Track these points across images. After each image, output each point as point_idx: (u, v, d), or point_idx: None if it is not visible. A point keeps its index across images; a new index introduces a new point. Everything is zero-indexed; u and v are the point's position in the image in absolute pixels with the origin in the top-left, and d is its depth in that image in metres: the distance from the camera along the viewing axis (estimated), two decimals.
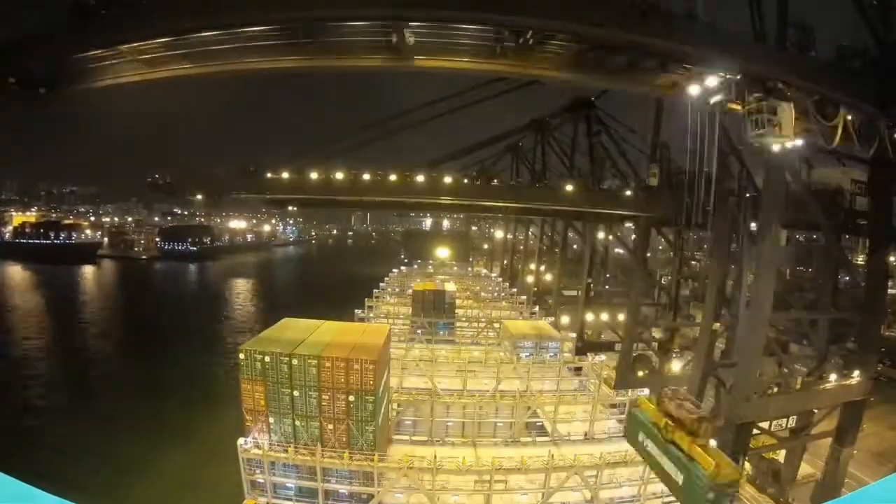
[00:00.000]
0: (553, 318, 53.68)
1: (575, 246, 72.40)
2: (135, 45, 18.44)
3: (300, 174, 33.55)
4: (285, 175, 34.34)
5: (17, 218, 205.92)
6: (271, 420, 22.74)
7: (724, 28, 19.40)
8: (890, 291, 46.88)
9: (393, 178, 33.72)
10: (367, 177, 33.34)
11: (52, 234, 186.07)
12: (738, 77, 19.29)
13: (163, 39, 18.35)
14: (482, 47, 17.75)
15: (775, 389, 32.77)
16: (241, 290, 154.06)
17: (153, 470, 39.97)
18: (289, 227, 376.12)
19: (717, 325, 34.57)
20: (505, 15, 16.40)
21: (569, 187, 36.07)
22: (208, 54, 19.04)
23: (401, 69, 19.26)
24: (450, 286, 53.68)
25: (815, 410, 35.66)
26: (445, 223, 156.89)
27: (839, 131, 21.96)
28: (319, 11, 16.99)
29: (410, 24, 16.95)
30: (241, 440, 22.61)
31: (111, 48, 18.67)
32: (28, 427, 48.45)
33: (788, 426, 36.07)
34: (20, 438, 44.01)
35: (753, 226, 32.75)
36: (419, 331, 45.38)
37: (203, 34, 18.16)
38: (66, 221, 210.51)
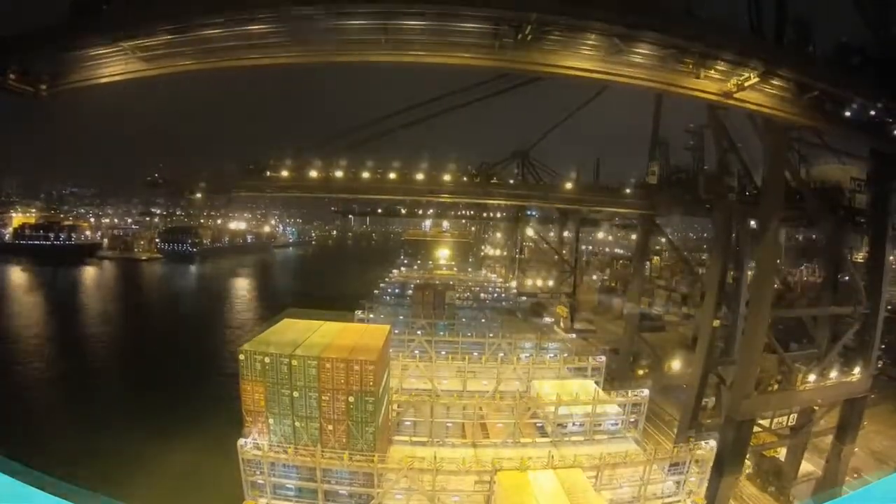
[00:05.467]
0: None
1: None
2: (135, 41, 18.28)
3: (300, 171, 33.50)
4: (285, 173, 34.36)
5: (17, 219, 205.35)
6: (271, 421, 22.66)
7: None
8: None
9: (392, 175, 33.59)
10: (366, 175, 33.18)
11: (52, 235, 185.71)
12: None
13: (164, 37, 18.21)
14: (481, 42, 17.69)
15: (776, 387, 32.75)
16: (241, 290, 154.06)
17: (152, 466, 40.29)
18: (288, 228, 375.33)
19: (716, 322, 34.57)
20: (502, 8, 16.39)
21: (568, 185, 36.04)
22: (209, 50, 18.84)
23: (399, 63, 19.18)
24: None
25: (816, 407, 35.67)
26: (445, 224, 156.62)
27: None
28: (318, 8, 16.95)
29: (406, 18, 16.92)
30: (240, 441, 22.54)
31: (111, 44, 18.48)
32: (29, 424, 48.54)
33: (789, 424, 36.08)
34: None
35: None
36: (419, 331, 45.20)
37: (205, 31, 18.04)
38: (67, 222, 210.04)
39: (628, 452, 24.31)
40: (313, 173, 33.62)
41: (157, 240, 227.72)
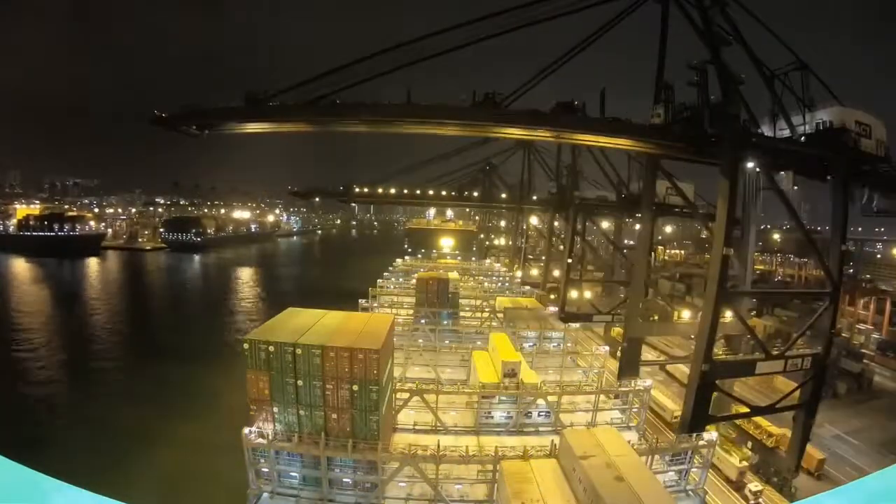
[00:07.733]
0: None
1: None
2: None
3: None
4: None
5: (21, 210, 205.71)
6: (276, 409, 22.70)
7: None
8: None
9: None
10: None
11: (55, 227, 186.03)
12: None
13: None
14: None
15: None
16: (245, 279, 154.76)
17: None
18: (292, 218, 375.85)
19: None
20: None
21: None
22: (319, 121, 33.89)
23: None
24: (453, 276, 53.53)
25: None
26: (449, 213, 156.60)
27: None
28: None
29: None
30: (245, 429, 22.63)
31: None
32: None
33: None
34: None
35: None
36: (423, 320, 45.29)
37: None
38: (70, 213, 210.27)
39: (631, 442, 24.33)
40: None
41: (161, 230, 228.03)
